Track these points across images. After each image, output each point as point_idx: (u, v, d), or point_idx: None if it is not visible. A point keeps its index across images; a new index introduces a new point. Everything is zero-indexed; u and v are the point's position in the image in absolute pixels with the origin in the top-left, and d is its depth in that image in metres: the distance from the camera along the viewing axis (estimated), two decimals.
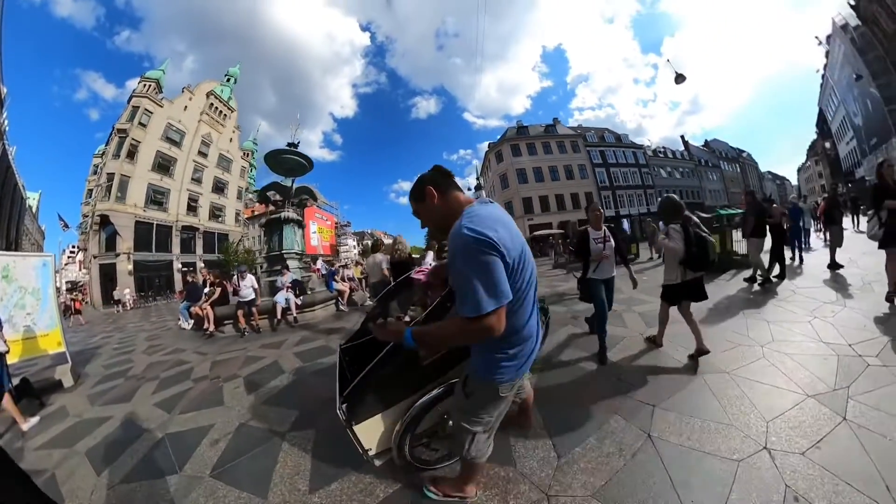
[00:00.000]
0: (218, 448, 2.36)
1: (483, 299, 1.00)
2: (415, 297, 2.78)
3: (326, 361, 4.03)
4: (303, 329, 6.00)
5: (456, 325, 1.10)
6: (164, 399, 3.40)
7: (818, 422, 1.83)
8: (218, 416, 2.83)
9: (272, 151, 8.42)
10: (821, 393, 2.10)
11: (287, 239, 8.41)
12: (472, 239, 1.03)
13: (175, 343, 6.34)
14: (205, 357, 4.93)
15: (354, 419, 1.59)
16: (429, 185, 1.26)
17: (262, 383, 3.49)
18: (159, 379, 4.12)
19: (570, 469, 1.72)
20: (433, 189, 1.25)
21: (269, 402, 3.05)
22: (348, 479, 1.85)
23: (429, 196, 1.25)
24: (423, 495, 1.63)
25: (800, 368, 2.44)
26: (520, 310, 1.19)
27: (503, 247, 1.05)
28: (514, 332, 1.20)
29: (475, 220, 1.07)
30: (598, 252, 3.17)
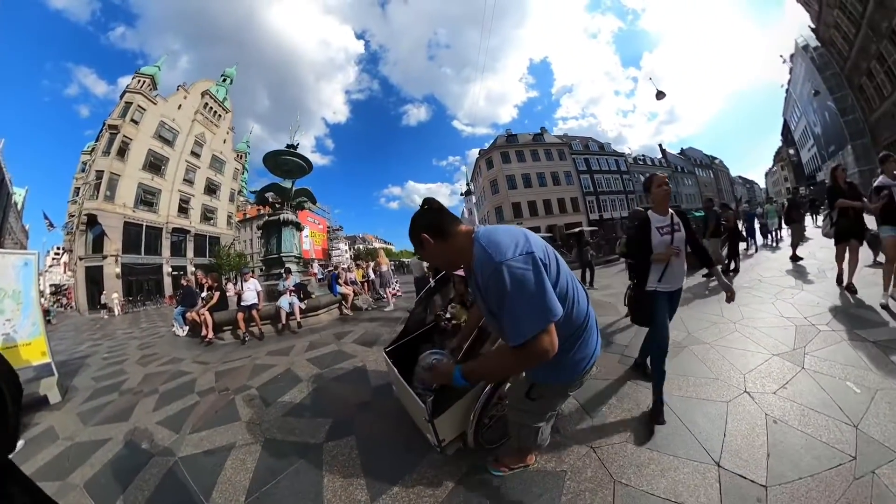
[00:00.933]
0: (247, 469, 2.04)
1: (533, 322, 0.98)
2: (452, 294, 2.79)
3: (346, 366, 3.71)
4: (309, 334, 5.62)
5: (509, 355, 1.07)
6: (169, 416, 3.01)
7: (783, 371, 2.39)
8: (237, 433, 2.48)
9: (272, 152, 8.07)
10: (783, 352, 2.68)
11: (286, 242, 8.04)
12: (515, 267, 0.99)
13: (171, 351, 5.84)
14: (206, 367, 4.50)
15: (436, 413, 1.61)
16: (423, 233, 1.15)
17: (280, 393, 3.15)
18: (159, 393, 3.69)
19: (602, 424, 2.04)
20: (428, 237, 1.15)
21: (294, 413, 2.73)
22: (410, 479, 1.77)
23: (426, 244, 1.16)
24: (489, 475, 1.68)
25: (765, 337, 3.02)
26: (573, 308, 1.16)
27: (538, 257, 1.03)
28: (575, 331, 1.19)
29: (500, 247, 1.04)
30: (664, 248, 2.11)
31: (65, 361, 6.26)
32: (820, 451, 1.59)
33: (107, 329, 11.89)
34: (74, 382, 4.71)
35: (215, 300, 6.30)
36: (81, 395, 4.09)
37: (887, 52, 20.58)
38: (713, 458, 1.63)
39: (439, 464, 1.82)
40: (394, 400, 2.51)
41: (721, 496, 1.42)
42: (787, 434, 1.73)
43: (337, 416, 2.57)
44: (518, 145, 37.59)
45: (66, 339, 10.13)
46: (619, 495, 1.49)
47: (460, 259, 1.18)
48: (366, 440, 2.20)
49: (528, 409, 1.38)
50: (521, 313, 0.98)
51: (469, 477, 1.71)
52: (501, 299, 1.00)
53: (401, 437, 2.15)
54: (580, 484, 1.58)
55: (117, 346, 7.45)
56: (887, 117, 22.83)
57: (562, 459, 1.75)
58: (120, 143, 23.82)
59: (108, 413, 3.34)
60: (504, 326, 1.03)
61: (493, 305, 1.05)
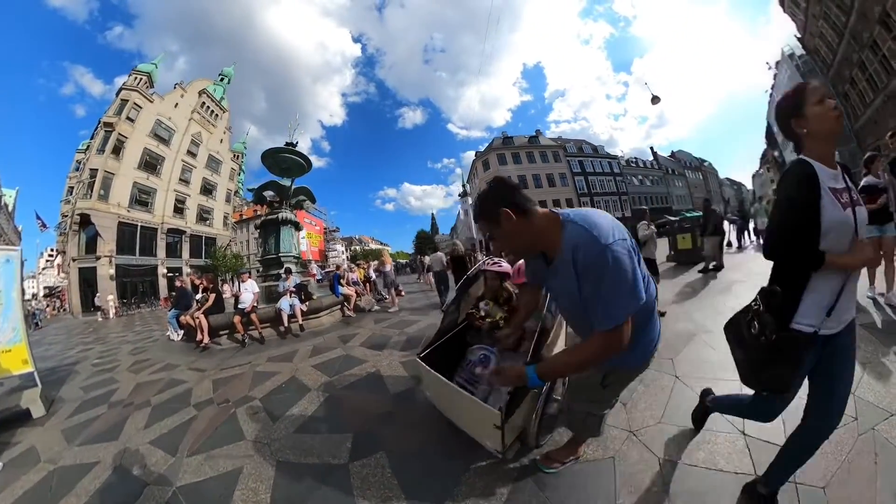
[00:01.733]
0: (261, 501, 1.74)
1: (626, 306, 0.99)
2: (482, 291, 2.64)
3: (358, 372, 3.40)
4: (311, 337, 5.27)
5: (595, 345, 1.05)
6: (163, 434, 2.66)
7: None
8: (243, 455, 2.16)
9: (270, 149, 7.70)
10: None
11: (284, 241, 7.68)
12: (618, 251, 0.97)
13: (165, 357, 5.44)
14: (203, 374, 4.15)
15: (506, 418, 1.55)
16: (504, 207, 1.06)
17: (287, 405, 2.81)
18: (151, 405, 3.33)
19: (636, 410, 2.08)
20: (511, 212, 1.06)
21: (307, 428, 2.41)
22: (459, 493, 1.62)
23: (506, 219, 1.06)
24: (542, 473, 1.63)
25: None
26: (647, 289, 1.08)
27: (630, 244, 1.02)
28: (647, 314, 1.17)
29: (603, 229, 0.99)
30: (849, 238, 1.04)
31: (53, 368, 5.89)
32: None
33: (100, 332, 11.34)
34: (61, 393, 4.32)
35: (210, 302, 5.91)
36: (68, 407, 3.70)
37: (868, 60, 21.53)
38: (738, 429, 1.76)
39: (485, 471, 1.70)
40: (421, 407, 2.35)
41: (752, 460, 1.55)
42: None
43: (358, 430, 2.28)
44: (514, 147, 37.79)
45: (56, 343, 9.66)
46: (667, 471, 1.56)
47: (541, 241, 1.11)
48: (398, 455, 1.95)
49: (598, 399, 1.37)
50: (617, 298, 0.98)
51: (522, 480, 1.63)
52: (600, 282, 0.98)
53: (438, 448, 1.97)
54: (630, 466, 1.61)
55: (109, 352, 7.02)
56: (870, 123, 23.70)
57: (606, 447, 1.76)
58: (115, 141, 23.00)
59: (95, 430, 2.98)
60: (598, 311, 1.01)
61: (588, 289, 1.01)
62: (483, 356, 2.00)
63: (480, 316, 2.36)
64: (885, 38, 19.33)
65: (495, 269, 2.49)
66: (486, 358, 2.05)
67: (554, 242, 1.06)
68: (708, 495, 1.41)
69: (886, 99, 21.27)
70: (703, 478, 1.50)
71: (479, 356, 2.00)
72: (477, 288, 2.74)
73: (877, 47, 20.29)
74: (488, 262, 2.57)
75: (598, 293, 0.99)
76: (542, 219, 1.08)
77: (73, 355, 7.16)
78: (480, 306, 2.36)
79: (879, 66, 20.85)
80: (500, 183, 1.12)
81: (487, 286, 2.57)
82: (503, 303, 2.43)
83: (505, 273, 2.49)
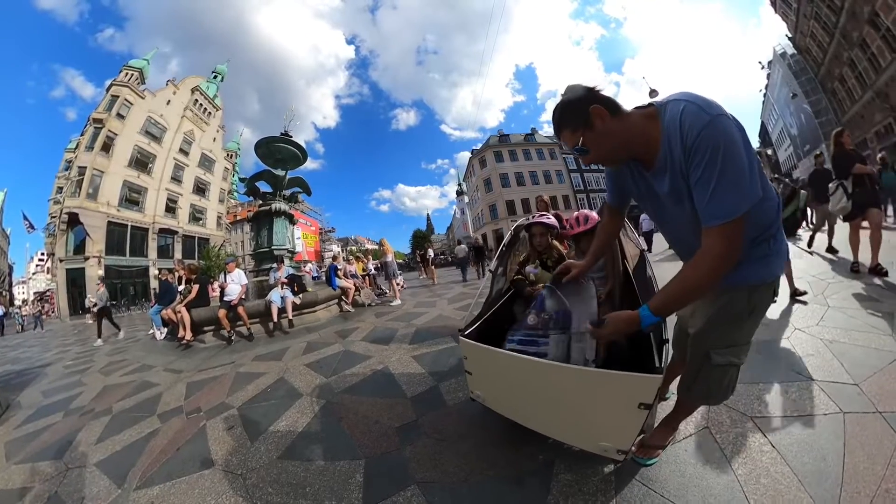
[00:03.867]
0: None
1: (743, 196, 0.82)
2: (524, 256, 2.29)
3: (361, 371, 2.80)
4: (305, 333, 4.65)
5: (705, 251, 0.86)
6: (115, 453, 2.05)
7: (815, 312, 2.64)
8: (207, 491, 1.55)
9: (264, 139, 7.15)
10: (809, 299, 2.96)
11: (278, 234, 7.08)
12: (731, 124, 0.82)
13: (142, 357, 4.80)
14: (178, 376, 3.52)
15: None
16: (595, 105, 0.91)
17: (272, 417, 2.18)
18: (112, 413, 2.73)
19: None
20: (602, 108, 0.91)
21: (296, 453, 1.75)
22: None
23: (598, 117, 0.92)
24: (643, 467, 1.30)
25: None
26: (762, 180, 0.90)
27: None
28: (775, 208, 0.99)
29: (711, 103, 0.83)
30: None
31: (22, 371, 5.40)
32: (874, 354, 1.86)
33: (84, 334, 10.64)
34: (21, 397, 3.77)
35: (194, 294, 5.22)
36: (21, 415, 3.15)
37: (857, 59, 22.17)
38: (806, 376, 1.77)
39: (572, 488, 1.25)
40: (458, 411, 1.88)
41: (832, 400, 1.53)
42: (845, 348, 1.99)
43: (370, 452, 1.65)
44: (510, 145, 37.64)
45: (35, 347, 9.06)
46: (761, 426, 1.45)
47: (637, 141, 0.94)
48: (440, 490, 1.34)
49: (739, 338, 1.10)
50: (729, 184, 0.81)
51: (625, 486, 1.23)
52: (709, 164, 0.81)
53: (496, 469, 1.41)
54: (727, 432, 1.45)
55: (86, 353, 6.37)
56: (857, 118, 24.49)
57: (693, 421, 1.54)
58: (105, 137, 22.00)
59: (42, 443, 2.40)
60: (707, 202, 0.84)
61: (696, 175, 0.84)
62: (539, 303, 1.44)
63: (531, 280, 1.95)
64: (873, 36, 19.85)
65: (543, 221, 2.10)
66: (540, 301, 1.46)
67: (653, 140, 0.92)
68: (814, 441, 1.31)
69: (874, 95, 21.99)
70: (799, 426, 1.42)
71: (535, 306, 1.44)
72: (520, 252, 2.36)
73: (866, 46, 20.85)
74: (530, 217, 2.19)
75: (706, 178, 0.83)
76: (636, 115, 0.95)
77: (48, 357, 6.62)
78: (528, 270, 1.95)
79: (868, 64, 21.48)
80: (581, 85, 0.98)
81: (533, 246, 2.17)
82: (553, 265, 2.02)
83: (553, 226, 2.14)
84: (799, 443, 1.32)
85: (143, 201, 24.24)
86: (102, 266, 21.15)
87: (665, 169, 0.93)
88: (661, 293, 0.98)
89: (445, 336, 3.45)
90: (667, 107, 0.90)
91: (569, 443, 1.32)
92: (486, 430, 1.67)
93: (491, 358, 1.38)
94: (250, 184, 7.41)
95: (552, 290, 1.47)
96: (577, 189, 37.29)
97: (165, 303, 6.04)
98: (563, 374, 1.19)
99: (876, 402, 1.46)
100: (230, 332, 4.77)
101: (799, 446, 1.30)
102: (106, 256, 21.48)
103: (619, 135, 0.95)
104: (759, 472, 1.20)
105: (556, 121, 1.01)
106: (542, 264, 2.10)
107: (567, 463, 1.36)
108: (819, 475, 1.15)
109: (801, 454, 1.25)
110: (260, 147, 7.12)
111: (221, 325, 4.78)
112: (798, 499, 1.07)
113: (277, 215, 7.03)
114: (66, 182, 22.88)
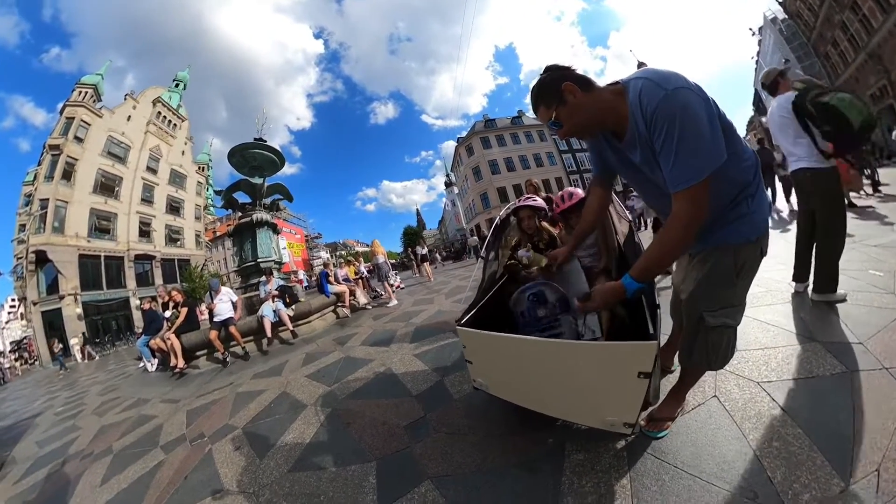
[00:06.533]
0: None
1: (705, 160, 0.91)
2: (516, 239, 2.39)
3: (363, 375, 2.86)
4: (303, 345, 4.69)
5: (674, 215, 0.98)
6: (121, 491, 2.08)
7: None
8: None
9: (238, 146, 7.04)
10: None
11: (262, 245, 7.02)
12: (689, 93, 0.91)
13: (136, 392, 4.81)
14: (176, 406, 3.54)
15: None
16: (567, 82, 1.04)
17: (278, 432, 2.23)
18: (113, 453, 2.74)
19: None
20: (574, 85, 1.04)
21: (307, 463, 1.80)
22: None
23: (569, 93, 1.04)
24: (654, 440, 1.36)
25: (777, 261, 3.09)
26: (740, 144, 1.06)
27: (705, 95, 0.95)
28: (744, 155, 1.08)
29: (668, 76, 0.94)
30: None
31: (10, 427, 5.36)
32: (876, 313, 1.92)
33: (70, 378, 10.59)
34: (14, 452, 3.76)
35: (182, 318, 5.22)
36: (17, 470, 3.13)
37: (849, 21, 22.47)
38: (811, 338, 1.82)
39: (586, 467, 1.31)
40: (464, 404, 1.96)
41: (838, 360, 1.58)
42: (848, 308, 2.06)
43: (381, 453, 1.71)
44: (497, 130, 37.54)
45: (19, 399, 9.01)
46: (769, 391, 1.48)
47: (609, 114, 1.07)
48: (453, 482, 1.40)
49: (732, 299, 1.18)
50: (691, 150, 0.91)
51: (638, 460, 1.29)
52: (668, 134, 0.92)
53: (508, 455, 1.47)
54: (735, 399, 1.49)
55: (75, 396, 6.35)
56: (851, 81, 24.77)
57: (700, 391, 1.58)
58: (64, 164, 21.44)
59: (43, 495, 2.41)
60: (669, 169, 0.95)
61: (658, 145, 0.95)
62: (533, 295, 1.63)
63: (524, 264, 2.05)
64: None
65: (529, 204, 2.24)
66: (539, 294, 1.65)
67: (623, 115, 1.03)
68: (823, 401, 1.36)
69: (867, 57, 22.40)
70: (807, 388, 1.46)
71: (529, 297, 1.64)
72: (511, 236, 2.47)
73: (857, 7, 21.14)
74: (519, 201, 2.31)
75: (668, 149, 0.93)
76: (607, 91, 1.06)
77: (36, 407, 6.56)
78: (520, 254, 2.05)
79: (860, 26, 21.76)
80: (556, 65, 1.12)
81: (523, 230, 2.30)
82: (545, 247, 2.18)
83: (540, 208, 2.27)
84: (808, 404, 1.36)
85: (114, 228, 23.79)
86: (80, 303, 20.84)
87: (635, 142, 1.05)
88: (640, 259, 1.09)
89: (446, 332, 3.51)
90: (629, 85, 1.01)
91: (575, 421, 1.38)
92: (494, 419, 1.73)
93: (489, 343, 1.44)
94: (227, 195, 7.34)
95: (545, 282, 1.68)
96: (570, 170, 37.30)
97: (152, 332, 6.02)
98: (560, 350, 1.25)
99: (882, 359, 1.50)
100: (224, 354, 4.78)
101: (809, 408, 1.34)
102: (82, 293, 21.13)
103: (589, 109, 1.06)
104: (771, 436, 1.24)
105: (533, 99, 1.13)
106: (533, 247, 2.19)
107: (578, 443, 1.41)
108: (830, 434, 1.19)
109: (812, 415, 1.29)
110: (234, 156, 7.04)
111: (214, 347, 4.79)
112: (811, 458, 1.11)
113: (260, 226, 6.98)
114: (28, 218, 22.31)
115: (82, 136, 22.75)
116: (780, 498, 1.02)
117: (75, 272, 21.02)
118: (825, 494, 0.99)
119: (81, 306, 20.87)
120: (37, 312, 20.33)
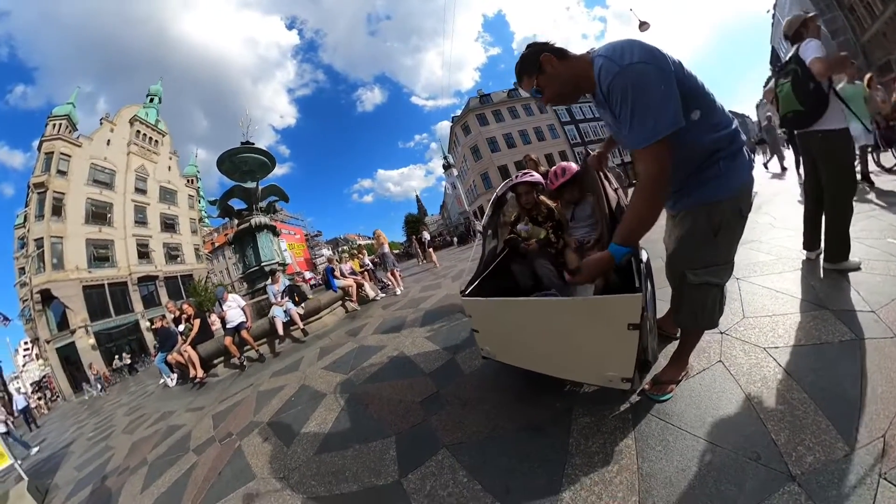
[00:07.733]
0: None
1: (656, 125, 1.01)
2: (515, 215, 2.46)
3: (378, 361, 2.96)
4: (316, 341, 4.83)
5: (640, 175, 1.08)
6: (161, 495, 2.22)
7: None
8: (259, 502, 1.71)
9: (226, 152, 6.99)
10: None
11: (264, 249, 7.12)
12: (648, 71, 1.01)
13: (161, 406, 5.01)
14: (202, 412, 3.69)
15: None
16: (545, 53, 1.19)
17: (301, 422, 2.36)
18: (148, 464, 2.89)
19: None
20: (551, 55, 1.19)
21: (331, 445, 1.94)
22: (573, 467, 1.26)
23: (547, 63, 1.19)
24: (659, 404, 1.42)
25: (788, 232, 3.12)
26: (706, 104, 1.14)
27: (662, 58, 1.04)
28: (720, 123, 1.16)
29: (621, 51, 1.06)
30: None
31: (48, 458, 5.63)
32: (891, 282, 1.87)
33: (94, 405, 11.06)
34: (56, 479, 3.98)
35: (196, 330, 5.41)
36: (62, 493, 3.35)
37: None
38: (822, 305, 1.80)
39: (592, 429, 1.39)
40: (475, 376, 2.07)
41: (848, 327, 1.57)
42: (862, 277, 2.01)
43: (399, 428, 1.84)
44: (493, 105, 36.34)
45: (51, 433, 9.41)
46: (777, 358, 1.49)
47: (583, 81, 1.18)
48: (467, 448, 1.52)
49: (715, 258, 1.26)
50: (643, 114, 1.01)
51: (642, 421, 1.35)
52: (624, 104, 1.04)
53: (517, 421, 1.58)
54: (741, 364, 1.52)
55: (103, 421, 6.62)
56: (879, 37, 22.67)
57: (705, 356, 1.63)
58: (52, 200, 21.77)
59: None
60: (629, 131, 1.06)
61: (617, 113, 1.08)
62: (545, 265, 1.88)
63: (523, 238, 2.17)
64: None
65: (527, 180, 2.28)
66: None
67: (591, 79, 1.14)
68: (831, 367, 1.36)
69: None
70: (815, 354, 1.46)
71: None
72: (510, 213, 2.56)
73: None
74: (517, 176, 2.36)
75: (624, 115, 1.04)
76: (582, 62, 1.18)
77: (68, 437, 6.87)
78: (519, 227, 2.16)
79: None
80: (535, 42, 1.26)
81: (521, 204, 2.36)
82: (543, 221, 2.28)
83: (538, 182, 2.31)
84: (815, 370, 1.37)
85: (112, 255, 24.21)
86: (91, 334, 21.41)
87: (605, 107, 1.19)
88: (620, 225, 1.16)
89: (455, 313, 3.59)
90: (594, 62, 1.13)
91: (576, 379, 1.47)
92: (504, 389, 1.84)
93: (490, 308, 1.54)
94: (222, 204, 7.39)
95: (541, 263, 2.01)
96: (574, 142, 35.90)
97: (168, 348, 6.21)
98: (553, 308, 1.33)
99: (894, 327, 1.48)
100: (240, 359, 4.94)
101: (815, 373, 1.36)
102: (92, 323, 21.70)
103: (565, 75, 1.19)
104: (776, 400, 1.27)
105: (517, 72, 1.28)
106: (532, 220, 2.30)
107: (585, 407, 1.50)
108: (836, 399, 1.20)
109: (818, 380, 1.31)
110: (223, 162, 7.04)
111: (230, 353, 4.95)
112: (816, 422, 1.13)
113: (259, 230, 7.05)
114: (26, 261, 22.65)
115: (65, 168, 22.91)
116: (783, 459, 1.04)
117: (82, 304, 21.55)
118: (829, 458, 1.01)
119: (94, 336, 21.48)
120: (51, 350, 20.94)
